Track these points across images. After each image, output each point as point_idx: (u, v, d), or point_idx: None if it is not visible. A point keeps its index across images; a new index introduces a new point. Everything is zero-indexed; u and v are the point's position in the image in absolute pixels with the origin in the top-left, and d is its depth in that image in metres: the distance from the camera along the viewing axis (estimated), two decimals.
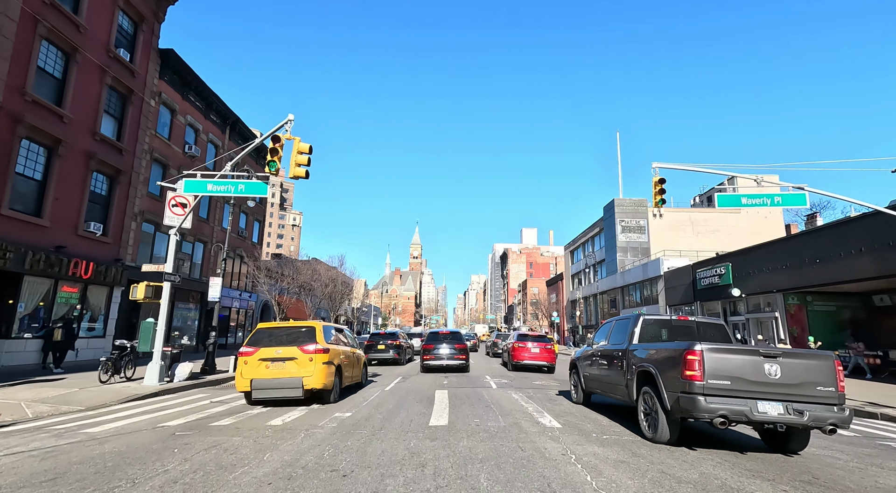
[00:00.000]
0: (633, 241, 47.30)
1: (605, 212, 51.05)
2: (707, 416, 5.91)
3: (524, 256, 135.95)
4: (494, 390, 12.89)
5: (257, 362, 9.47)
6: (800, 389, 5.97)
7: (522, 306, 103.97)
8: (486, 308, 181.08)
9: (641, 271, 40.63)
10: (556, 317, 52.84)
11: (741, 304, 27.58)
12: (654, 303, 38.82)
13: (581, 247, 61.44)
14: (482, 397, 11.31)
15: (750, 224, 46.77)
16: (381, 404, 9.93)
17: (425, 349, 18.15)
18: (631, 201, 48.30)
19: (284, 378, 9.33)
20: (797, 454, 6.55)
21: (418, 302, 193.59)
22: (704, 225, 47.00)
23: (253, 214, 32.55)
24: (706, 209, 49.21)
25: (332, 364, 10.03)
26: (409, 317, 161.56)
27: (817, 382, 6.00)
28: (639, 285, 41.90)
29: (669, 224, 47.54)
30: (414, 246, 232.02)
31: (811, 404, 5.95)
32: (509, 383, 14.87)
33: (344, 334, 12.46)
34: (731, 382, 5.98)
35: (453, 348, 17.90)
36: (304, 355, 9.51)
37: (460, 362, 17.83)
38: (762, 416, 5.87)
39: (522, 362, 19.62)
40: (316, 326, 10.33)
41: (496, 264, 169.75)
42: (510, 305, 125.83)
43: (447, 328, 30.35)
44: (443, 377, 15.97)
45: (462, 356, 17.93)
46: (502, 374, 18.22)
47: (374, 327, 67.49)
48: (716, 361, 6.06)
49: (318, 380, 9.44)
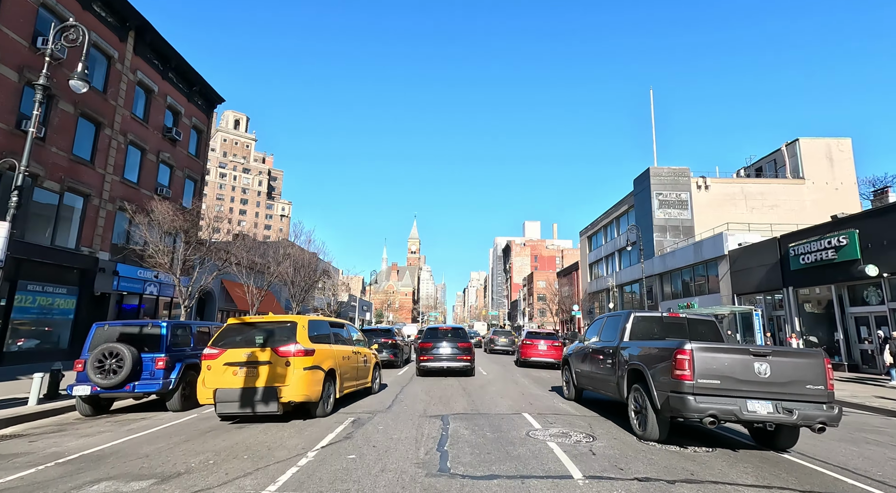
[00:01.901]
0: (674, 218, 38.87)
1: (637, 185, 42.56)
2: (697, 416, 5.98)
3: (528, 248, 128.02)
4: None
5: (223, 367, 7.69)
6: (789, 387, 6.02)
7: (528, 301, 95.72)
8: (486, 305, 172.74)
9: (692, 252, 32.20)
10: (578, 311, 44.43)
11: (872, 290, 19.16)
12: (709, 291, 30.40)
13: (602, 231, 52.97)
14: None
15: (818, 198, 38.46)
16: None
17: (422, 349, 15.37)
18: (670, 171, 39.83)
19: (256, 388, 7.54)
20: (787, 451, 6.54)
21: (416, 299, 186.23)
22: (760, 199, 38.57)
23: (182, 168, 23.91)
24: (763, 180, 40.76)
25: (320, 369, 8.14)
26: (406, 314, 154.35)
27: (807, 380, 6.04)
28: (687, 271, 33.47)
29: (717, 198, 39.13)
30: (412, 240, 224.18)
31: (800, 402, 5.99)
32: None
33: (346, 330, 10.60)
34: (720, 381, 6.03)
35: (456, 348, 15.16)
36: (280, 358, 7.69)
37: (463, 363, 15.01)
38: (752, 415, 5.93)
39: (530, 359, 19.96)
40: (298, 321, 8.40)
41: (498, 258, 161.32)
42: (514, 300, 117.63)
43: (448, 324, 23.84)
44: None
45: (466, 357, 15.09)
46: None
47: (359, 322, 58.88)
48: (706, 360, 6.09)
49: (298, 390, 7.63)
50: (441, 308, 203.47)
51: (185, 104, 24.16)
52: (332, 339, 9.25)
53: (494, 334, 33.17)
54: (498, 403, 9.92)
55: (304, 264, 27.85)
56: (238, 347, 7.86)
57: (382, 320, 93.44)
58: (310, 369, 7.82)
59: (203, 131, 25.89)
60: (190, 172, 24.58)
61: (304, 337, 8.11)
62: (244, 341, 8.01)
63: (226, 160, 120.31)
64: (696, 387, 5.98)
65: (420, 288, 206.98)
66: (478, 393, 11.31)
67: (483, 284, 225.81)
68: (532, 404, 9.77)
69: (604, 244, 52.10)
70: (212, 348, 7.95)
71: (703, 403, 5.91)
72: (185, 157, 24.33)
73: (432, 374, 15.08)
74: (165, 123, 22.66)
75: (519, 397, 10.96)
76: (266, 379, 7.55)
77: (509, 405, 9.60)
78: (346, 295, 66.13)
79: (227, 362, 7.68)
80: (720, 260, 28.83)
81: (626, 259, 46.40)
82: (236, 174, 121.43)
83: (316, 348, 8.18)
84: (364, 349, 10.90)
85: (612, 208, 49.75)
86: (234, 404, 7.49)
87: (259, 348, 7.82)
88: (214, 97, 26.34)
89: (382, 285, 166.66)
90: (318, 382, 7.99)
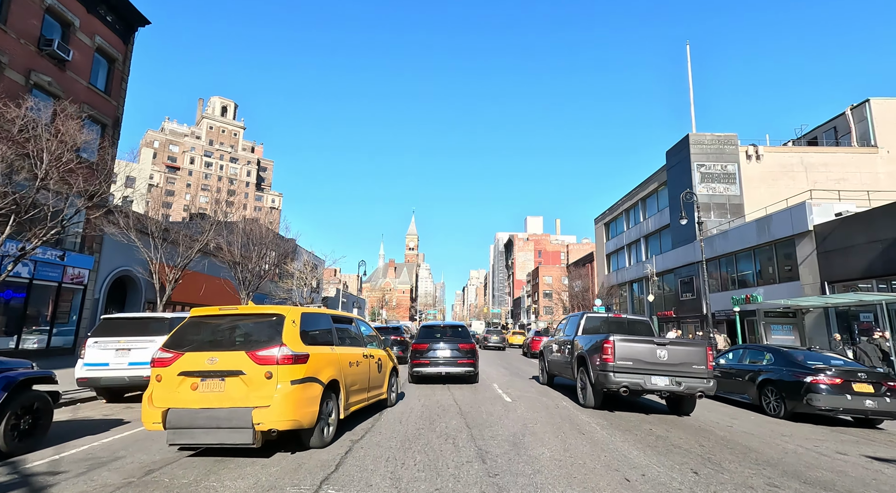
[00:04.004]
0: (719, 194, 32.24)
1: (672, 158, 35.93)
2: (615, 387, 8.50)
3: (532, 243, 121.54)
4: None
5: (177, 378, 5.43)
6: (680, 367, 8.46)
7: (533, 298, 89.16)
8: (487, 303, 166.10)
9: (754, 231, 25.60)
10: (601, 306, 37.82)
11: None
12: (780, 280, 23.85)
13: (623, 216, 46.34)
14: None
15: (893, 170, 31.89)
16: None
17: (416, 351, 12.89)
18: (714, 137, 33.18)
19: (222, 409, 5.26)
20: (688, 415, 9.07)
21: (414, 296, 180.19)
22: (825, 170, 31.95)
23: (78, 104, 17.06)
24: (828, 148, 34.15)
25: (316, 382, 5.87)
26: (403, 311, 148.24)
27: (693, 362, 8.49)
28: (745, 255, 26.87)
29: (771, 170, 32.53)
30: (410, 237, 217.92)
31: (687, 377, 8.42)
32: None
33: (355, 326, 8.23)
34: (633, 363, 8.52)
35: (456, 349, 12.68)
36: (259, 366, 5.40)
37: (465, 368, 12.57)
38: (653, 386, 8.43)
39: (536, 352, 21.74)
40: (287, 313, 5.97)
41: (499, 254, 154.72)
42: (517, 298, 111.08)
43: (446, 321, 18.69)
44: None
45: (468, 360, 12.67)
46: None
47: None
48: (623, 348, 8.63)
49: (282, 412, 5.32)
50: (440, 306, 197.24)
51: (84, 15, 17.46)
52: (334, 339, 6.97)
53: (487, 332, 39.33)
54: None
55: (260, 241, 21.21)
56: (200, 349, 5.58)
57: (378, 319, 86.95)
58: (300, 383, 5.58)
59: (116, 61, 19.18)
60: (92, 111, 17.85)
61: (294, 336, 5.81)
62: (209, 342, 5.73)
63: (212, 149, 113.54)
64: (616, 367, 8.56)
65: (418, 286, 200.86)
66: None
67: (483, 282, 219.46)
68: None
69: (626, 231, 45.48)
70: (164, 350, 5.67)
71: (620, 377, 8.50)
72: (84, 89, 17.63)
73: (427, 381, 13.03)
74: (44, 32, 15.97)
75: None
76: (237, 397, 5.33)
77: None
78: (335, 290, 59.72)
79: (184, 370, 5.44)
80: (801, 238, 22.20)
81: (654, 246, 39.82)
82: (223, 163, 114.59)
83: (311, 351, 5.92)
84: (377, 351, 8.66)
85: (637, 189, 43.10)
86: (191, 431, 5.24)
87: (229, 350, 5.55)
88: (134, 17, 19.61)
89: (379, 282, 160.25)
90: (314, 400, 5.75)
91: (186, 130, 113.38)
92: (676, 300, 34.59)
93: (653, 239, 40.30)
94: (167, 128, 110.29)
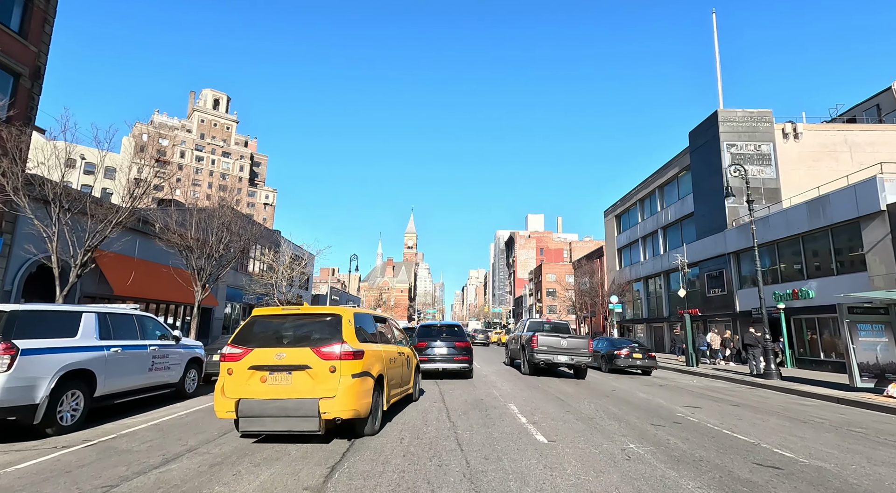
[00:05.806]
0: (752, 177, 28.50)
1: (696, 139, 32.31)
2: (538, 362, 14.72)
3: (533, 240, 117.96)
4: None
5: (248, 371, 6.06)
6: (575, 350, 14.63)
7: (536, 297, 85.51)
8: (487, 302, 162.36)
9: (805, 215, 21.98)
10: (618, 304, 34.12)
11: None
12: (838, 271, 20.25)
13: (637, 206, 42.70)
14: None
15: None
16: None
17: (415, 349, 12.97)
18: (746, 114, 29.54)
19: (290, 400, 5.87)
20: (582, 379, 14.93)
21: (412, 296, 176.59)
22: (871, 150, 28.34)
23: None
24: (874, 126, 30.54)
25: (369, 376, 6.51)
26: (402, 311, 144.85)
27: (582, 347, 14.71)
28: (792, 243, 23.25)
29: (811, 150, 28.93)
30: (408, 235, 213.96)
31: (578, 356, 14.59)
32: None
33: (388, 324, 8.88)
34: (547, 348, 14.68)
35: (452, 347, 14.07)
36: (323, 361, 6.03)
37: (461, 364, 13.95)
38: (559, 361, 14.63)
39: None
40: (343, 314, 6.69)
41: (500, 252, 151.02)
42: (518, 296, 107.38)
43: (443, 321, 17.25)
44: None
45: (464, 357, 14.03)
46: None
47: None
48: (542, 339, 14.82)
49: (345, 403, 5.92)
50: (439, 306, 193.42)
51: None
52: (378, 337, 7.71)
53: (475, 331, 47.90)
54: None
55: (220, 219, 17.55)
56: (267, 345, 6.23)
57: None
58: (359, 377, 6.24)
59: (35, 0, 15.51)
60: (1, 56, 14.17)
61: (351, 334, 6.48)
62: (275, 339, 6.38)
63: (203, 142, 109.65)
64: (538, 350, 14.65)
65: (417, 285, 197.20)
66: None
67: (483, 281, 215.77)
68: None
69: (640, 222, 41.84)
70: (234, 346, 6.28)
71: (540, 356, 14.62)
72: None
73: (426, 376, 14.14)
74: None
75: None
76: (304, 389, 5.96)
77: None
78: (326, 287, 56.05)
79: (254, 364, 6.08)
80: (868, 221, 18.58)
81: (674, 237, 36.17)
82: (215, 158, 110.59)
83: (364, 348, 6.58)
84: (406, 349, 9.16)
85: (654, 176, 39.48)
86: (262, 419, 5.93)
87: (294, 347, 6.17)
88: None
89: (377, 280, 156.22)
90: (368, 392, 6.41)
91: (177, 122, 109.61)
92: (702, 297, 30.96)
93: (672, 230, 36.69)
94: (157, 120, 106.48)
